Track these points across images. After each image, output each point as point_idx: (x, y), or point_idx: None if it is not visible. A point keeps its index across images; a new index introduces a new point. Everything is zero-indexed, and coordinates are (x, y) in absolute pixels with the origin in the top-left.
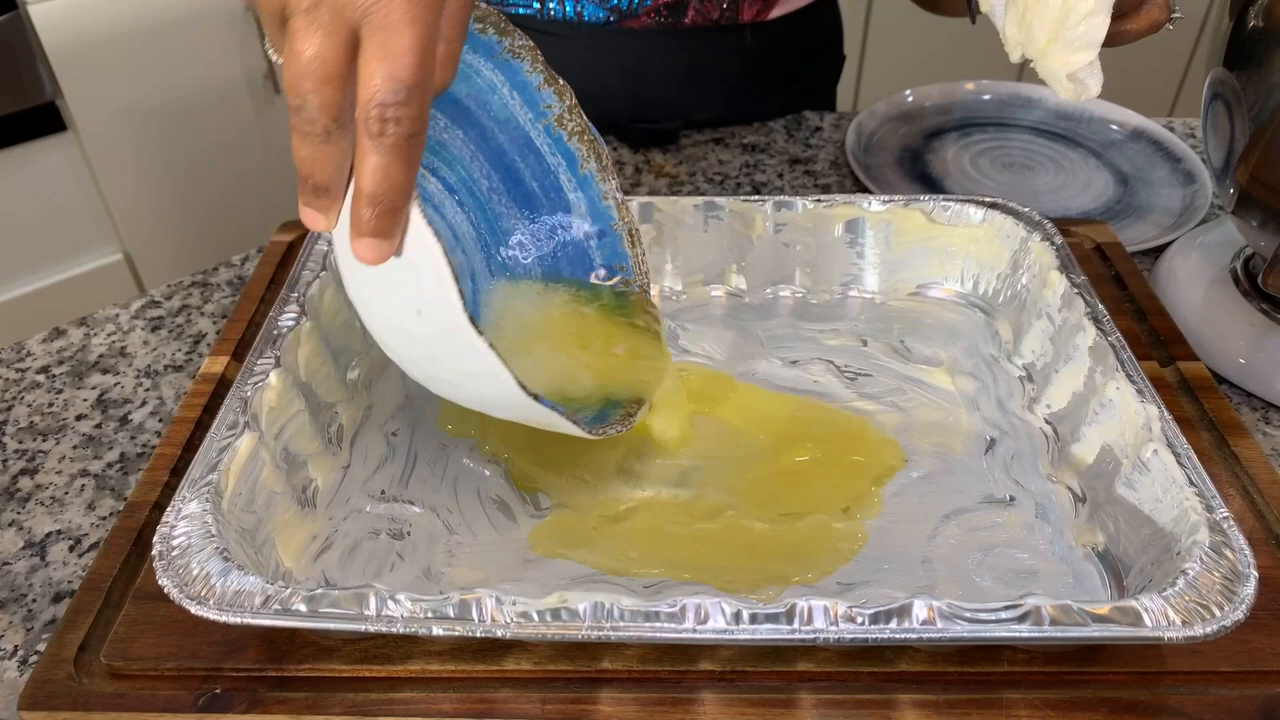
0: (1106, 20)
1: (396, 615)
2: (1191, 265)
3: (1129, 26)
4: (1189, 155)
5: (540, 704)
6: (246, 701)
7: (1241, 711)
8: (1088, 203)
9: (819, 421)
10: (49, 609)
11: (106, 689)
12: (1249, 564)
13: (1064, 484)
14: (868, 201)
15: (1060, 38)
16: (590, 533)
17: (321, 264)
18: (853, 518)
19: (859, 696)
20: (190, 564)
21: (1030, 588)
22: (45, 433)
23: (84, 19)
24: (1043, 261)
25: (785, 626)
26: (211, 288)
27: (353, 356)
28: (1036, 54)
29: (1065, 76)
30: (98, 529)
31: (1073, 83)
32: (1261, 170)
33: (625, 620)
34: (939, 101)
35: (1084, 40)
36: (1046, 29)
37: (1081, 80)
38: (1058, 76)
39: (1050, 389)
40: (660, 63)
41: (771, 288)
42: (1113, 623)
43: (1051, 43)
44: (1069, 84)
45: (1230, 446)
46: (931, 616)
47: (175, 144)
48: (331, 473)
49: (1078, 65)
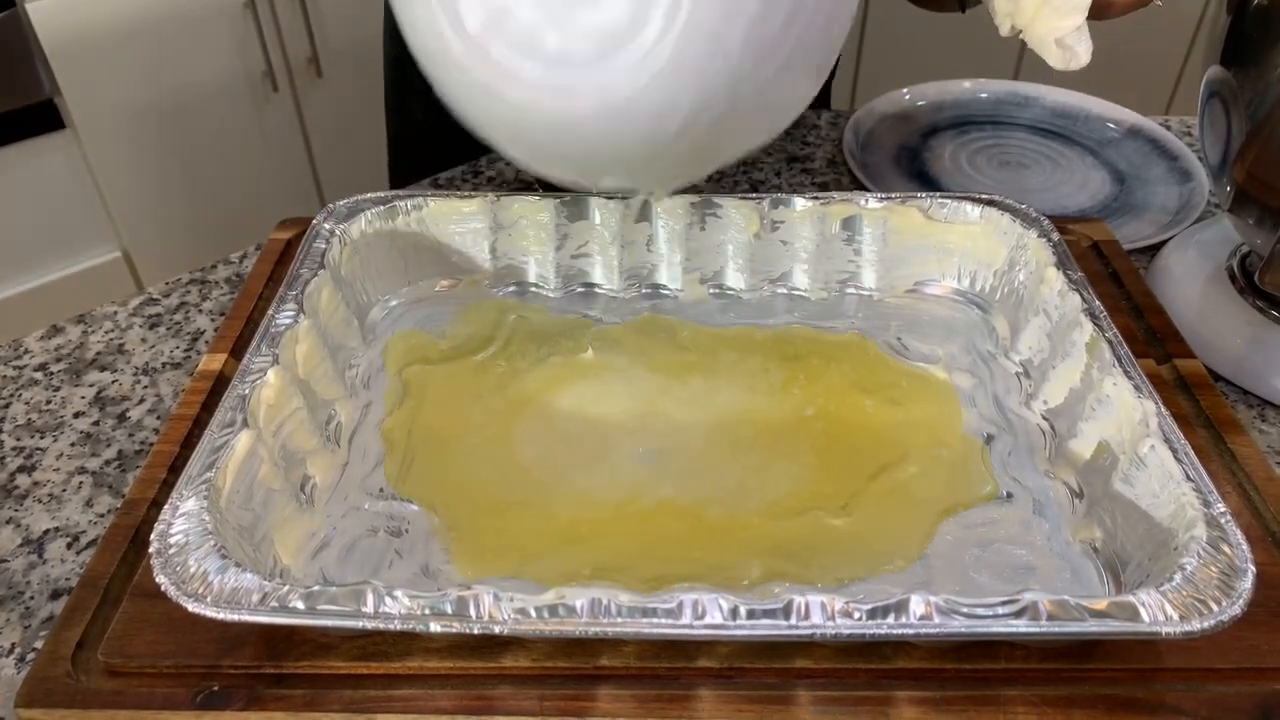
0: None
1: (394, 612)
2: (1188, 263)
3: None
4: (1185, 153)
5: (538, 700)
6: (244, 699)
7: (1238, 708)
8: (1084, 200)
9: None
10: (47, 606)
11: (104, 687)
12: (1246, 559)
13: (1061, 480)
14: (865, 199)
15: (1049, 2)
16: (584, 533)
17: (320, 261)
18: (850, 514)
19: (856, 693)
20: (188, 561)
21: (1027, 584)
22: (43, 430)
23: (82, 16)
24: (1040, 259)
25: (783, 622)
26: (210, 285)
27: (351, 354)
28: (1025, 22)
29: (1054, 42)
30: (95, 526)
31: (1061, 49)
32: (1258, 168)
33: (623, 616)
34: (936, 99)
35: (1071, 3)
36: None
37: (1070, 47)
38: (1046, 43)
39: (1047, 385)
40: None
41: (769, 285)
42: (1110, 618)
43: (1040, 7)
44: (1057, 50)
45: (1227, 444)
46: (929, 612)
47: (174, 141)
48: (330, 470)
49: (1066, 29)
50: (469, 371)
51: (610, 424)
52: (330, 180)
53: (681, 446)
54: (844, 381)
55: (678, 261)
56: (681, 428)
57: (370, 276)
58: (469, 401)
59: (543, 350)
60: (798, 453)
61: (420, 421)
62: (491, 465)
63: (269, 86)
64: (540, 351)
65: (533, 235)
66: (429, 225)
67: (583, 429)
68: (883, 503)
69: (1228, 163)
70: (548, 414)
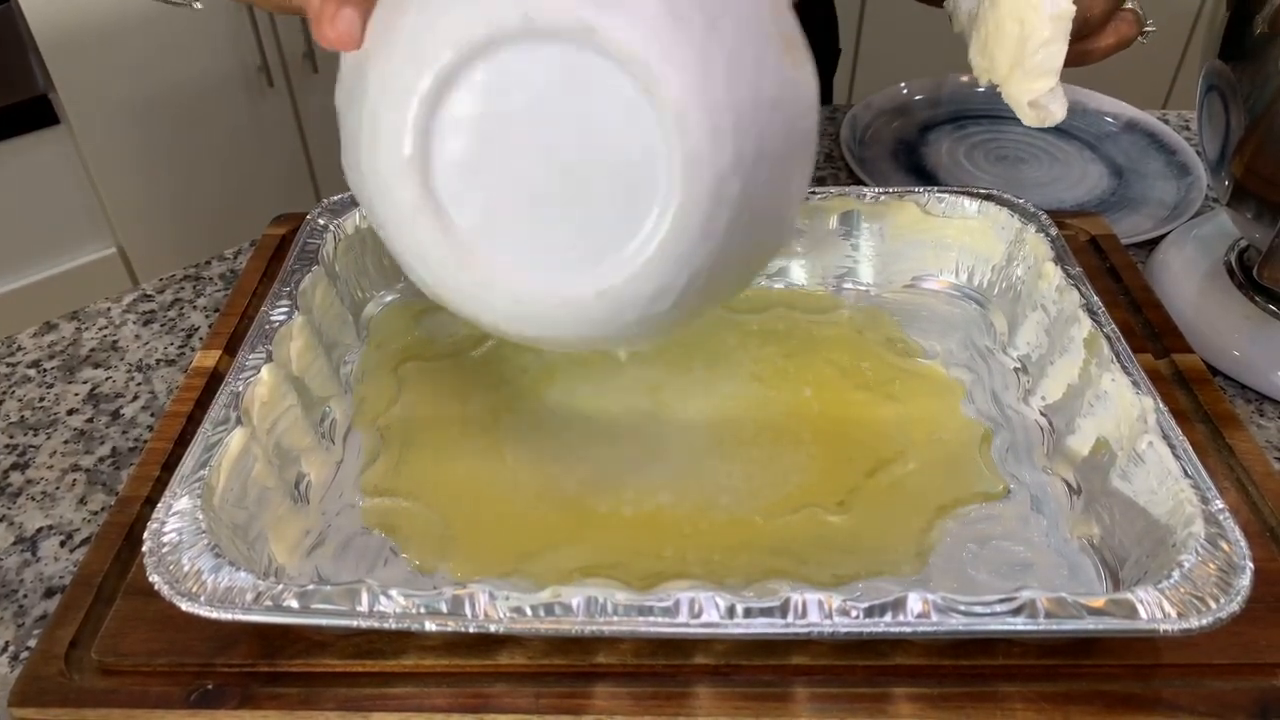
0: (1063, 48)
1: (389, 611)
2: (1186, 258)
3: (1096, 45)
4: (1184, 147)
5: (534, 698)
6: (239, 697)
7: (1236, 705)
8: (1082, 195)
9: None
10: (40, 604)
11: (98, 685)
12: (1244, 556)
13: (1059, 476)
14: (862, 194)
15: (1020, 65)
16: (580, 530)
17: (314, 257)
18: (847, 511)
19: (853, 690)
20: (181, 560)
21: (1025, 580)
22: (36, 427)
23: (76, 11)
24: (1038, 253)
25: (779, 620)
26: (204, 281)
27: (345, 351)
28: (1000, 80)
29: (1027, 104)
30: (89, 524)
31: (1035, 109)
32: (1257, 162)
33: (619, 615)
34: (933, 94)
35: (1042, 68)
36: (1007, 57)
37: (1044, 106)
38: (1020, 103)
39: (1045, 381)
40: None
41: (766, 281)
42: (1108, 615)
43: (1013, 70)
44: (1031, 111)
45: (1225, 439)
46: (926, 610)
47: (168, 137)
48: (324, 467)
49: (1039, 92)
50: (465, 368)
51: (607, 421)
52: (326, 176)
53: (678, 442)
54: (841, 378)
55: None
56: (678, 423)
57: (365, 272)
58: (465, 399)
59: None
60: (794, 450)
61: (416, 418)
62: (487, 462)
63: (264, 81)
64: (537, 348)
65: None
66: None
67: (579, 426)
68: (880, 499)
69: (1226, 157)
70: (544, 411)
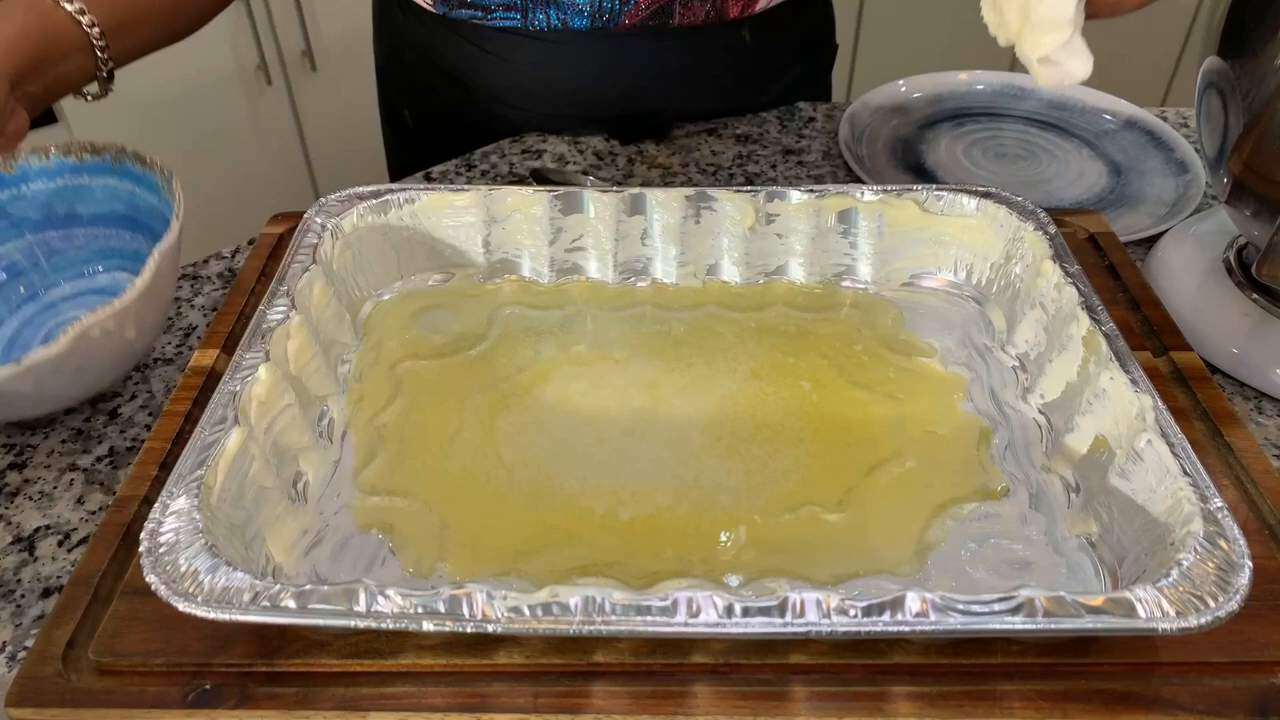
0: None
1: (386, 611)
2: (1185, 255)
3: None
4: (1182, 145)
5: (532, 698)
6: (236, 697)
7: (1235, 703)
8: (1081, 192)
9: (812, 414)
10: (37, 604)
11: (95, 685)
12: (1243, 554)
13: (1058, 474)
14: (861, 192)
15: (1028, 19)
16: (578, 529)
17: (311, 256)
18: (846, 509)
19: (852, 689)
20: (178, 560)
21: (1024, 579)
22: (34, 427)
23: None
24: (1036, 251)
25: (778, 620)
26: (202, 280)
27: (343, 350)
28: (1014, 39)
29: (1036, 60)
30: (86, 524)
31: (1046, 66)
32: (1255, 159)
33: (617, 614)
34: (932, 92)
35: (1051, 19)
36: (1015, 11)
37: (1058, 63)
38: (1030, 61)
39: (1044, 379)
40: (650, 63)
41: (765, 278)
42: (1106, 614)
43: (1022, 25)
44: (1043, 69)
45: (1224, 437)
46: (925, 609)
47: (166, 135)
48: (322, 467)
49: (1049, 47)
50: (462, 367)
51: (604, 419)
52: (324, 174)
53: (676, 441)
54: (840, 376)
55: (673, 255)
56: (676, 423)
57: (363, 271)
58: (463, 397)
59: (537, 345)
60: (793, 448)
61: (414, 418)
62: (485, 461)
63: (263, 80)
64: (534, 346)
65: (526, 228)
66: (422, 219)
67: (577, 424)
68: (879, 498)
69: (1225, 154)
70: (542, 409)
